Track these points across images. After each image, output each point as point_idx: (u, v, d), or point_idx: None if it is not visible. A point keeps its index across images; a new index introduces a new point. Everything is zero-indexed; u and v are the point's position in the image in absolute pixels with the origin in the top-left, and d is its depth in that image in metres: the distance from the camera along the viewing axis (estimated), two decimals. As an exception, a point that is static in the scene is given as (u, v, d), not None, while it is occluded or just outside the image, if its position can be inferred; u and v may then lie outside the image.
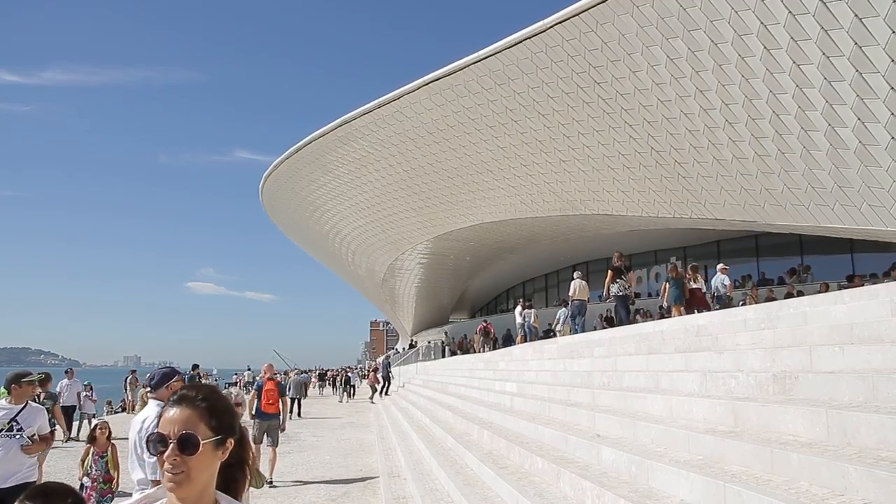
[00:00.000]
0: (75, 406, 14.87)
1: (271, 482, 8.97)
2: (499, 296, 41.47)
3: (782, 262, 21.41)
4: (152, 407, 3.63)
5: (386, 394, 26.00)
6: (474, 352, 24.12)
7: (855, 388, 3.79)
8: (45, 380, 9.79)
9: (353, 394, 33.61)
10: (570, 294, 15.22)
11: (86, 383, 15.98)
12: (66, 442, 12.13)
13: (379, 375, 27.38)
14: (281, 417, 9.49)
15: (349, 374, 37.74)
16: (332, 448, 12.78)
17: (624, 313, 13.03)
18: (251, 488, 4.58)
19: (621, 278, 12.98)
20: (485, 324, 24.21)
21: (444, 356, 29.60)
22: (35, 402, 9.88)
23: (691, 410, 4.83)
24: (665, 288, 13.14)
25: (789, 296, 14.99)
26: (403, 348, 45.50)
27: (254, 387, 10.21)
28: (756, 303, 13.95)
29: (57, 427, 10.01)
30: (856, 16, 9.59)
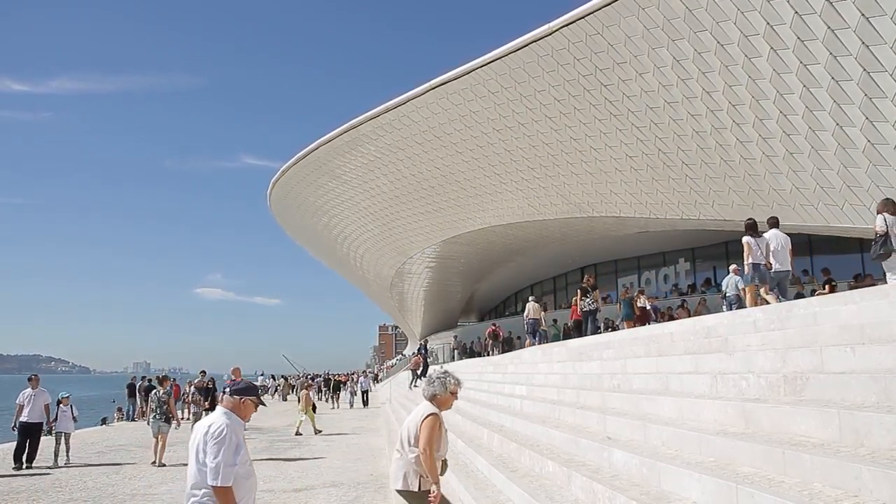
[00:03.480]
0: (41, 423, 11.50)
1: None
2: (507, 299, 41.42)
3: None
4: (219, 415, 3.57)
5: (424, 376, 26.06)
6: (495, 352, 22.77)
7: (867, 388, 3.77)
8: (164, 379, 13.04)
9: (367, 401, 29.95)
10: (525, 315, 17.66)
11: (64, 395, 12.38)
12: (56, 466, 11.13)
13: (420, 360, 27.27)
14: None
15: (340, 378, 35.75)
16: (342, 453, 12.80)
17: (592, 326, 14.91)
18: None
19: (587, 296, 15.05)
20: (494, 326, 24.18)
21: (453, 360, 29.57)
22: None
23: (702, 412, 4.82)
24: (619, 307, 15.91)
25: (799, 296, 14.92)
26: (413, 352, 45.49)
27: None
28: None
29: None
30: (863, 15, 9.57)
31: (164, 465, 11.02)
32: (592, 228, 21.84)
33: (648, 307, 16.50)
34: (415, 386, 25.18)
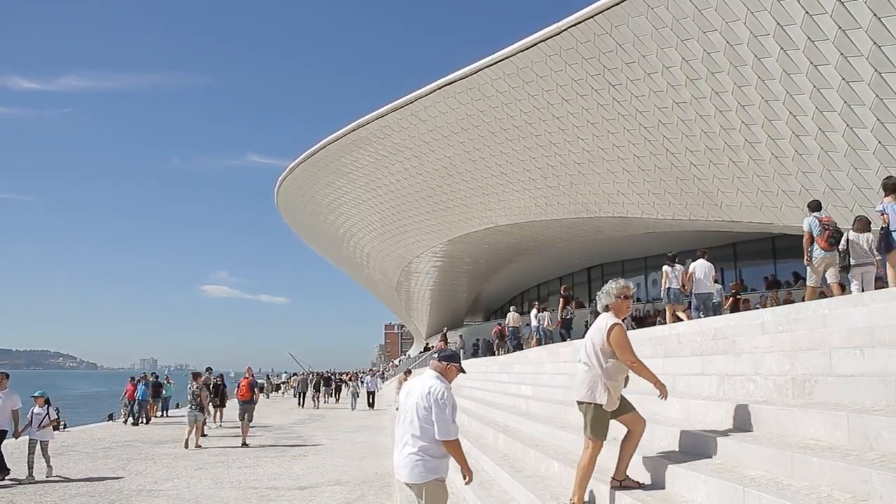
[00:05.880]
0: (6, 431, 9.17)
1: (245, 444, 13.21)
2: (513, 298, 41.36)
3: (800, 264, 21.16)
4: (433, 378, 4.02)
5: None
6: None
7: (876, 391, 3.73)
8: (197, 375, 14.00)
9: (373, 402, 26.92)
10: (506, 323, 19.87)
11: (37, 394, 9.93)
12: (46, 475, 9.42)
13: (443, 345, 27.39)
14: (254, 400, 14.45)
15: (329, 376, 35.25)
16: (347, 451, 12.81)
17: (566, 332, 16.47)
18: None
19: (568, 306, 16.81)
20: (499, 326, 24.13)
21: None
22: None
23: (709, 413, 4.80)
24: (591, 317, 17.27)
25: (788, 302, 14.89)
26: (420, 352, 45.50)
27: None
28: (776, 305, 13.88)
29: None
30: (874, 15, 9.50)
31: (200, 447, 12.74)
32: (599, 228, 21.78)
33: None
34: None
